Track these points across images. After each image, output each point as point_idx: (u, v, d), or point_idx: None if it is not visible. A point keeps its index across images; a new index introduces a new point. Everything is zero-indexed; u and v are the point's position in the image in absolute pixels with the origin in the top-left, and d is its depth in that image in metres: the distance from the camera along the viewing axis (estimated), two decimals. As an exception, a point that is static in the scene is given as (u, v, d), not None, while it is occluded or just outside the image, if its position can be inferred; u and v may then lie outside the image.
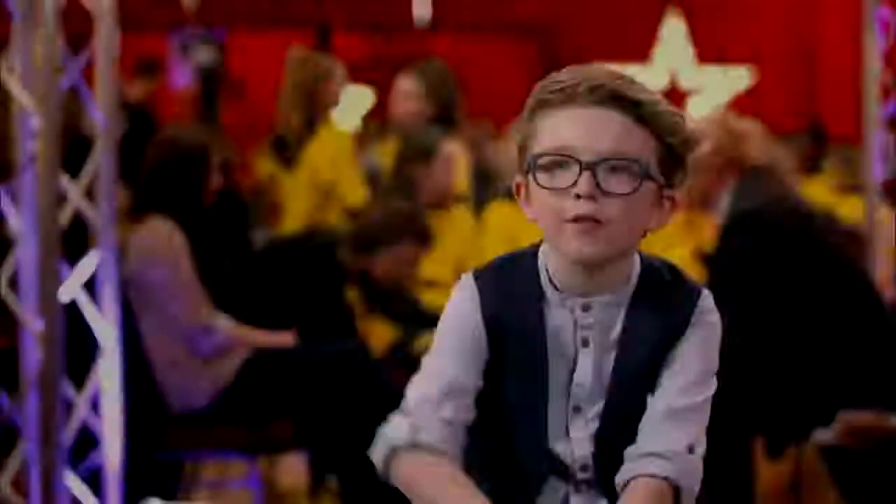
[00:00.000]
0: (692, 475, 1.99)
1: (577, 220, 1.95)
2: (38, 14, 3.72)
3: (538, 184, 1.98)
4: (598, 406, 2.02)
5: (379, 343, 5.15)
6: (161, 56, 10.05)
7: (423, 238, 5.00)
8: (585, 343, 2.02)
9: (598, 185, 1.95)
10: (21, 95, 3.75)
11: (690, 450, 1.99)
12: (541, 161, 1.98)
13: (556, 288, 2.03)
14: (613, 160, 1.95)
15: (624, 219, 1.96)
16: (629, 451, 2.00)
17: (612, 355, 2.02)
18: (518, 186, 2.04)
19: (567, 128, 1.97)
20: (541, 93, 2.00)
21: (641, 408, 2.01)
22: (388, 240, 4.90)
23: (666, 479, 1.96)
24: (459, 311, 2.04)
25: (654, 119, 1.97)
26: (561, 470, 2.04)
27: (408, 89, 5.94)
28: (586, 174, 1.94)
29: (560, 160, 1.97)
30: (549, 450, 2.03)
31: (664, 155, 1.99)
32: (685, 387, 2.00)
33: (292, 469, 5.22)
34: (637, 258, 2.06)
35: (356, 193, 5.81)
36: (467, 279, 2.05)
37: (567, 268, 2.01)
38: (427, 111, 5.90)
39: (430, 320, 5.12)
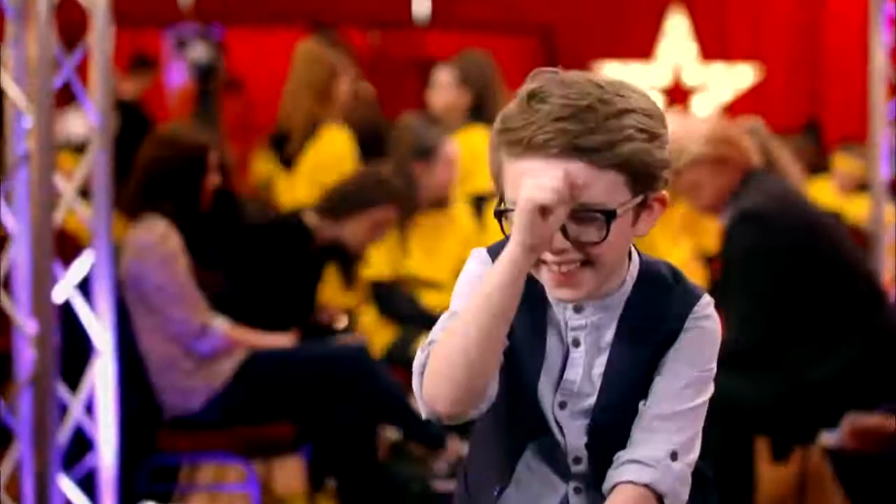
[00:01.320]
0: (675, 482, 1.97)
1: (553, 268, 1.92)
2: (32, 10, 3.68)
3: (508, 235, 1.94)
4: (585, 403, 2.01)
5: (379, 343, 5.13)
6: (156, 53, 9.99)
7: (395, 199, 4.93)
8: (576, 343, 2.02)
9: (566, 236, 1.91)
10: (14, 93, 3.70)
11: (674, 456, 1.97)
12: (509, 214, 1.93)
13: None
14: (579, 213, 1.91)
15: (600, 256, 1.94)
16: (616, 458, 1.99)
17: (604, 357, 2.01)
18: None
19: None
20: (500, 136, 1.94)
21: (632, 412, 2.00)
22: (360, 205, 4.83)
23: (647, 486, 1.96)
24: (473, 274, 2.03)
25: (617, 159, 1.91)
26: (552, 460, 2.03)
27: (443, 80, 5.93)
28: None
29: None
30: (538, 428, 2.02)
31: (636, 181, 1.93)
32: (673, 393, 1.99)
33: (290, 472, 5.18)
34: (636, 261, 2.04)
35: None
36: (479, 250, 2.06)
37: None
38: (463, 102, 5.88)
39: (430, 320, 5.08)
